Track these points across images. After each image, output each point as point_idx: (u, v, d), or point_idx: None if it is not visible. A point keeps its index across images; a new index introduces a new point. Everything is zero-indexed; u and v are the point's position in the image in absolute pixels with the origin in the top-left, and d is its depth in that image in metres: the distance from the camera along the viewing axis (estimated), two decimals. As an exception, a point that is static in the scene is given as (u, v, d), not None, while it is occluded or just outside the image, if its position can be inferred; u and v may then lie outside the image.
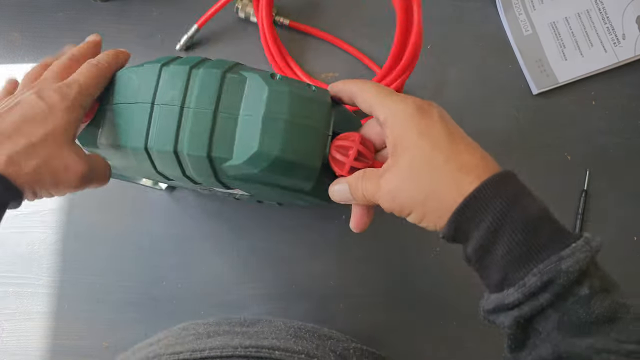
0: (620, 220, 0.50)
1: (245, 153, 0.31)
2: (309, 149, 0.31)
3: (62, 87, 0.30)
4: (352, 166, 0.31)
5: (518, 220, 0.26)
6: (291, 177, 0.32)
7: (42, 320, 0.49)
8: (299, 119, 0.31)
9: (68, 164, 0.30)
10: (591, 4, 0.51)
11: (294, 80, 0.32)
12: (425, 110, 0.28)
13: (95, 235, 0.49)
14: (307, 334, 0.35)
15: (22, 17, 0.52)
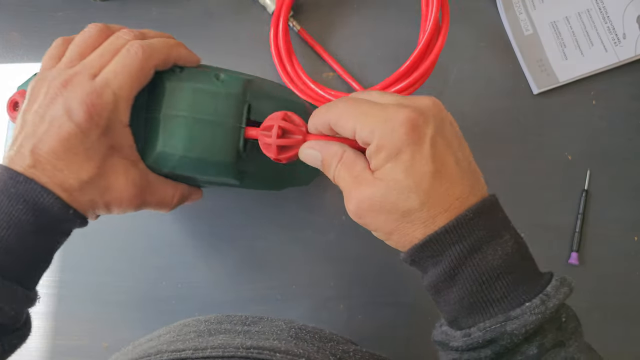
0: (621, 220, 0.49)
1: (152, 153, 0.31)
2: (217, 145, 0.31)
3: (93, 95, 0.28)
4: (280, 145, 0.29)
5: (474, 270, 0.25)
6: (206, 174, 0.32)
7: (41, 321, 0.49)
8: (202, 115, 0.30)
9: (119, 196, 0.30)
10: (592, 4, 0.51)
11: (200, 72, 0.31)
12: (418, 133, 0.26)
13: (94, 235, 0.49)
14: (308, 335, 0.35)
15: (22, 16, 0.51)
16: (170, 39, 0.32)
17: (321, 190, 0.50)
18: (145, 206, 0.32)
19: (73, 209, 0.29)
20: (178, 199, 0.34)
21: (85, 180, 0.29)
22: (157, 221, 0.49)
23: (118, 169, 0.30)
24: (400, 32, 0.51)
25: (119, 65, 0.29)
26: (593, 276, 0.49)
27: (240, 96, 0.31)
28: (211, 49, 0.51)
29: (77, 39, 0.31)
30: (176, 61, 0.31)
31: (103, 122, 0.28)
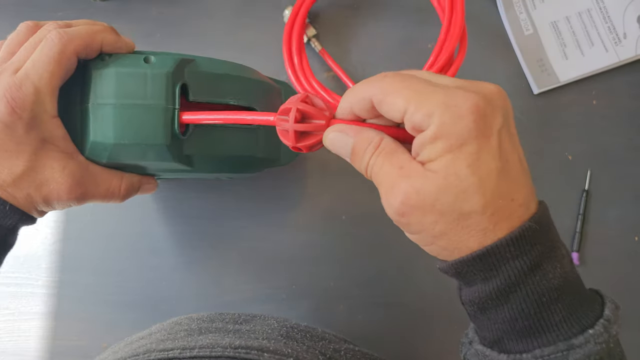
0: (621, 220, 0.49)
1: (86, 145, 0.31)
2: (149, 129, 0.30)
3: (12, 89, 0.28)
4: (298, 131, 0.26)
5: (533, 290, 0.22)
6: (146, 160, 0.31)
7: (41, 321, 0.49)
8: (128, 100, 0.29)
9: (56, 188, 0.30)
10: (592, 3, 0.51)
11: (127, 56, 0.31)
12: (486, 123, 0.22)
13: (94, 235, 0.49)
14: (300, 334, 0.35)
15: (21, 16, 0.51)
16: (95, 25, 0.31)
17: (321, 190, 0.50)
18: (89, 198, 0.32)
19: (9, 204, 0.29)
20: (126, 189, 0.34)
21: (18, 174, 0.28)
22: (157, 221, 0.49)
23: (52, 162, 0.29)
24: (401, 31, 0.51)
25: (36, 55, 0.29)
26: (593, 276, 0.49)
27: (169, 75, 0.30)
28: (211, 48, 0.51)
29: (8, 39, 0.31)
30: (103, 47, 0.31)
31: (27, 115, 0.28)
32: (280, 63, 0.51)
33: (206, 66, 0.32)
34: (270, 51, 0.51)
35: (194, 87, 0.31)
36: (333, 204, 0.49)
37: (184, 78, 0.31)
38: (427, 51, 0.51)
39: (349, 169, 0.50)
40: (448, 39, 0.46)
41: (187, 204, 0.50)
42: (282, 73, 0.50)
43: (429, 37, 0.51)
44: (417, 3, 0.51)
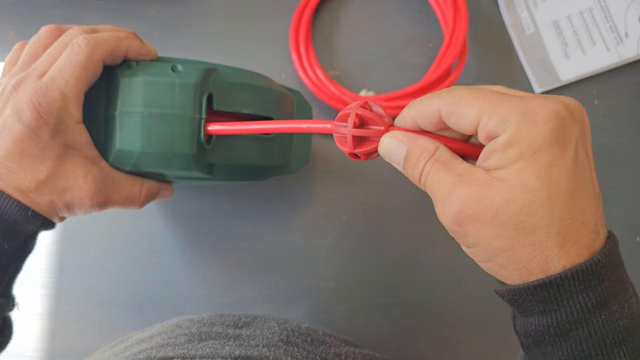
0: (622, 219, 0.49)
1: (111, 152, 0.31)
2: (176, 139, 0.30)
3: (39, 94, 0.27)
4: (357, 136, 0.25)
5: (597, 330, 0.21)
6: (170, 168, 0.31)
7: (40, 321, 0.48)
8: (156, 109, 0.29)
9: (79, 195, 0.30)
10: (594, 3, 0.50)
11: (154, 65, 0.31)
12: (564, 134, 0.21)
13: (93, 236, 0.49)
14: (300, 338, 0.34)
15: (19, 15, 0.51)
16: (121, 32, 0.31)
17: (321, 190, 0.49)
18: (110, 204, 0.32)
19: (32, 211, 0.28)
20: (145, 196, 0.34)
21: (41, 180, 0.28)
22: (157, 222, 0.49)
23: (76, 168, 0.29)
24: (401, 31, 0.51)
25: (62, 60, 0.28)
26: (594, 277, 0.49)
27: (197, 86, 0.30)
28: (211, 48, 0.51)
29: (30, 42, 0.31)
30: (128, 54, 0.31)
31: (52, 120, 0.28)
32: (280, 62, 0.50)
33: (228, 75, 0.33)
34: (270, 51, 0.50)
35: (218, 97, 0.31)
36: (333, 204, 0.49)
37: (209, 88, 0.31)
38: (427, 51, 0.51)
39: (349, 169, 0.50)
40: (448, 54, 0.47)
41: (187, 204, 0.49)
42: (281, 72, 0.50)
43: (429, 37, 0.51)
44: (418, 3, 0.51)
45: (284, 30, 0.50)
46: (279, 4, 0.51)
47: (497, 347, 0.48)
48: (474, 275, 0.49)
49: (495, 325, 0.49)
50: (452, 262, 0.49)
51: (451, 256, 0.49)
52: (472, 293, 0.49)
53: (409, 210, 0.49)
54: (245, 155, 0.34)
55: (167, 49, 0.50)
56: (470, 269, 0.49)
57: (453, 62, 0.48)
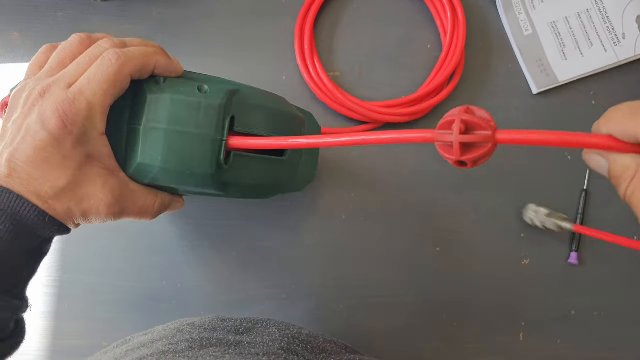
0: (620, 219, 0.49)
1: (132, 165, 0.31)
2: (197, 158, 0.31)
3: (65, 103, 0.28)
4: (463, 142, 0.24)
5: None
6: (187, 185, 0.32)
7: (41, 320, 0.49)
8: (180, 127, 0.30)
9: (96, 204, 0.30)
10: (591, 4, 0.51)
11: (182, 83, 0.31)
12: None
13: (94, 235, 0.49)
14: (300, 345, 0.34)
15: (22, 16, 0.52)
16: (149, 47, 0.32)
17: (321, 190, 0.50)
18: (125, 215, 0.33)
19: (49, 216, 0.29)
20: (159, 208, 0.34)
21: (60, 188, 0.29)
22: (159, 221, 0.49)
23: (95, 178, 0.30)
24: (401, 31, 0.51)
25: (92, 73, 0.29)
26: (593, 276, 0.49)
27: (222, 108, 0.31)
28: (211, 49, 0.51)
29: (59, 49, 0.31)
30: (155, 70, 0.31)
31: (77, 130, 0.28)
32: (281, 64, 0.51)
33: (249, 97, 0.33)
34: (271, 51, 0.51)
35: (240, 119, 0.32)
36: (333, 204, 0.50)
37: (232, 109, 0.32)
38: (426, 52, 0.51)
39: (349, 169, 0.50)
40: (445, 65, 0.49)
41: (188, 204, 0.50)
42: (281, 73, 0.51)
43: (429, 37, 0.51)
44: (417, 5, 0.51)
45: (284, 31, 0.51)
46: (280, 5, 0.51)
47: (497, 347, 0.49)
48: (473, 274, 0.49)
49: (495, 325, 0.49)
50: (451, 261, 0.49)
51: (451, 256, 0.49)
52: (471, 293, 0.49)
53: (409, 210, 0.49)
54: (259, 176, 0.35)
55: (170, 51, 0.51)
56: (470, 269, 0.49)
57: (450, 74, 0.49)
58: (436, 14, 0.51)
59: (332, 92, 0.49)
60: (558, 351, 0.48)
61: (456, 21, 0.49)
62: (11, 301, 0.29)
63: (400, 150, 0.50)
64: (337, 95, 0.48)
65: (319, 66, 0.49)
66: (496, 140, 0.24)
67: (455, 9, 0.49)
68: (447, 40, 0.49)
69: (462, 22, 0.49)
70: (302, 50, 0.50)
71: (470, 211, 0.49)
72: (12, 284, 0.29)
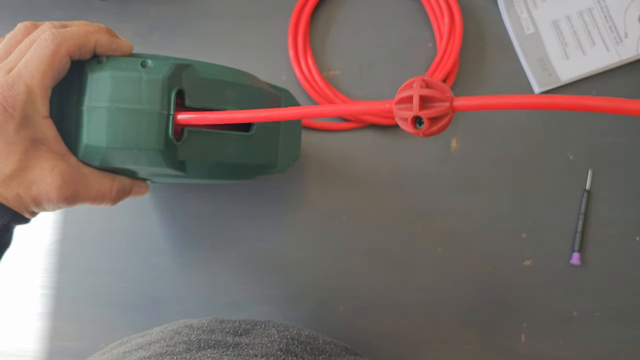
0: (622, 219, 0.49)
1: (79, 147, 0.30)
2: (142, 134, 0.30)
3: (4, 87, 0.28)
4: (418, 116, 0.25)
5: None
6: (139, 164, 0.31)
7: (39, 321, 0.48)
8: (123, 104, 0.29)
9: (46, 190, 0.30)
10: (593, 3, 0.50)
11: (124, 60, 0.30)
12: None
13: (93, 236, 0.49)
14: (300, 347, 0.34)
15: (19, 16, 0.51)
16: (90, 26, 0.31)
17: (322, 190, 0.50)
18: (80, 200, 0.32)
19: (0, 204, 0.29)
20: (117, 192, 0.34)
21: (7, 174, 0.28)
22: (156, 221, 0.49)
23: (43, 162, 0.29)
24: (401, 31, 0.51)
25: (29, 55, 0.29)
26: (595, 276, 0.49)
27: (165, 81, 0.30)
28: (210, 48, 0.51)
29: (6, 38, 0.31)
30: (97, 49, 0.30)
31: (18, 114, 0.28)
32: (281, 64, 0.50)
33: (204, 72, 0.32)
34: (270, 51, 0.51)
35: (191, 93, 0.31)
36: (333, 204, 0.49)
37: (181, 84, 0.31)
38: (427, 51, 0.51)
39: (349, 169, 0.50)
40: (438, 71, 0.49)
41: (186, 203, 0.49)
42: (281, 73, 0.50)
43: (429, 37, 0.51)
44: (416, 4, 0.51)
45: (283, 31, 0.51)
46: (280, 4, 0.51)
47: (498, 348, 0.48)
48: (474, 275, 0.49)
49: (495, 325, 0.48)
50: (452, 262, 0.49)
51: (451, 256, 0.49)
52: (472, 293, 0.49)
53: (409, 210, 0.49)
54: (222, 153, 0.33)
55: (168, 50, 0.51)
56: (470, 269, 0.49)
57: (444, 78, 0.49)
58: (434, 18, 0.50)
59: (323, 90, 0.48)
60: (560, 352, 0.48)
61: (453, 26, 0.49)
62: None
63: (400, 150, 0.50)
64: (327, 93, 0.48)
65: (312, 63, 0.49)
66: (454, 109, 0.25)
67: (453, 14, 0.49)
68: (442, 45, 0.49)
69: (459, 27, 0.48)
70: (295, 47, 0.49)
71: (471, 211, 0.49)
72: None
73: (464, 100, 0.24)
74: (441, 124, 0.25)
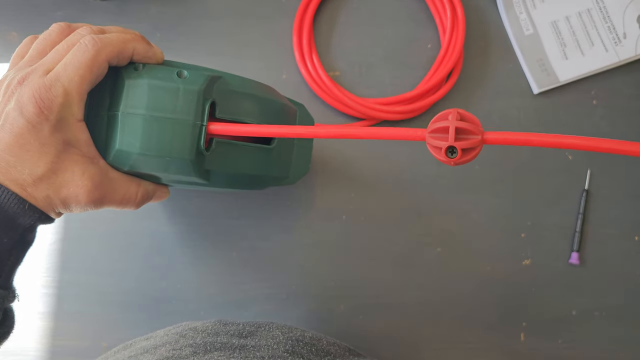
0: (621, 219, 0.49)
1: (111, 152, 0.31)
2: (176, 143, 0.30)
3: (42, 90, 0.28)
4: (452, 146, 0.26)
5: None
6: (168, 172, 0.32)
7: (41, 321, 0.49)
8: (158, 113, 0.30)
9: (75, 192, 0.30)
10: (592, 3, 0.51)
11: (160, 69, 0.31)
12: None
13: (94, 235, 0.49)
14: (305, 348, 0.34)
15: (20, 16, 0.51)
16: (128, 33, 0.32)
17: (322, 190, 0.50)
18: (106, 204, 0.32)
19: (28, 204, 0.29)
20: (142, 197, 0.34)
21: (39, 175, 0.29)
22: (159, 221, 0.49)
23: (74, 165, 0.30)
24: (401, 31, 0.51)
25: (68, 59, 0.29)
26: (594, 276, 0.49)
27: (201, 93, 0.30)
28: (211, 48, 0.51)
29: (39, 38, 0.31)
30: (134, 56, 0.31)
31: (54, 117, 0.28)
32: (281, 63, 0.51)
33: (233, 84, 0.33)
34: (271, 50, 0.51)
35: (221, 105, 0.32)
36: (333, 204, 0.49)
37: (213, 95, 0.31)
38: (427, 51, 0.51)
39: (349, 169, 0.50)
40: (444, 62, 0.49)
41: (187, 203, 0.50)
42: (281, 72, 0.50)
43: (429, 37, 0.51)
44: (417, 4, 0.51)
45: (284, 31, 0.51)
46: (280, 4, 0.51)
47: (498, 347, 0.49)
48: (473, 275, 0.49)
49: (495, 325, 0.49)
50: (452, 262, 0.49)
51: (451, 256, 0.49)
52: (471, 293, 0.49)
53: (409, 210, 0.49)
54: (244, 165, 0.34)
55: (169, 50, 0.51)
56: (470, 269, 0.49)
57: (448, 72, 0.49)
58: (436, 12, 0.50)
59: (330, 88, 0.49)
60: (559, 351, 0.48)
61: (455, 20, 0.49)
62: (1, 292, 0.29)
63: (400, 150, 0.50)
64: (335, 91, 0.48)
65: (317, 63, 0.49)
66: (484, 142, 0.27)
67: (455, 8, 0.49)
68: (446, 38, 0.49)
69: (462, 20, 0.49)
70: (300, 47, 0.50)
71: (470, 211, 0.49)
72: None
73: (493, 135, 0.26)
74: (472, 154, 0.27)
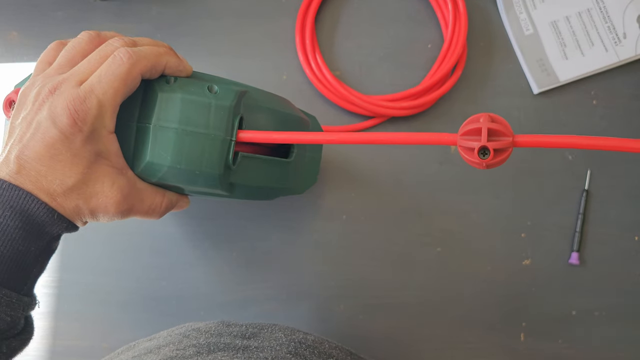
0: (621, 219, 0.49)
1: (140, 163, 0.31)
2: (206, 158, 0.31)
3: (76, 101, 0.28)
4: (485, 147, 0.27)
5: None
6: (195, 185, 0.32)
7: (41, 321, 0.49)
8: (191, 127, 0.30)
9: (104, 202, 0.30)
10: (592, 3, 0.51)
11: (192, 83, 0.31)
12: None
13: (94, 235, 0.49)
14: (307, 350, 0.34)
15: (21, 16, 0.51)
16: (160, 47, 0.32)
17: (322, 190, 0.50)
18: (133, 213, 0.33)
19: (57, 213, 0.29)
20: (166, 207, 0.35)
21: (69, 186, 0.29)
22: (159, 222, 0.49)
23: (104, 176, 0.30)
24: (401, 31, 0.51)
25: (103, 71, 0.29)
26: (593, 276, 0.49)
27: (232, 109, 0.31)
28: (212, 48, 0.51)
29: (69, 46, 0.31)
30: (166, 70, 0.31)
31: (87, 128, 0.28)
32: (282, 63, 0.51)
33: (257, 98, 0.34)
34: (271, 50, 0.51)
35: (247, 119, 0.32)
36: (333, 204, 0.49)
37: (241, 111, 0.32)
38: (427, 51, 0.51)
39: (349, 169, 0.50)
40: (447, 57, 0.49)
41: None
42: (283, 74, 0.50)
43: (429, 37, 0.51)
44: (418, 4, 0.51)
45: (284, 31, 0.51)
46: (280, 4, 0.51)
47: (498, 347, 0.49)
48: (473, 275, 0.49)
49: (495, 325, 0.49)
50: (451, 262, 0.49)
51: (451, 256, 0.49)
52: (471, 293, 0.49)
53: (409, 210, 0.49)
54: (266, 177, 0.35)
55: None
56: (470, 269, 0.49)
57: (453, 66, 0.49)
58: (437, 7, 0.50)
59: (335, 87, 0.49)
60: (559, 351, 0.48)
61: (457, 13, 0.49)
62: (22, 298, 0.29)
63: (401, 151, 0.50)
64: (340, 90, 0.48)
65: (321, 61, 0.49)
66: (515, 144, 0.27)
67: (457, 2, 0.49)
68: (449, 31, 0.49)
69: (464, 14, 0.49)
70: (303, 46, 0.50)
71: (470, 211, 0.49)
72: (22, 281, 0.29)
73: (524, 137, 0.27)
74: (503, 156, 0.27)
